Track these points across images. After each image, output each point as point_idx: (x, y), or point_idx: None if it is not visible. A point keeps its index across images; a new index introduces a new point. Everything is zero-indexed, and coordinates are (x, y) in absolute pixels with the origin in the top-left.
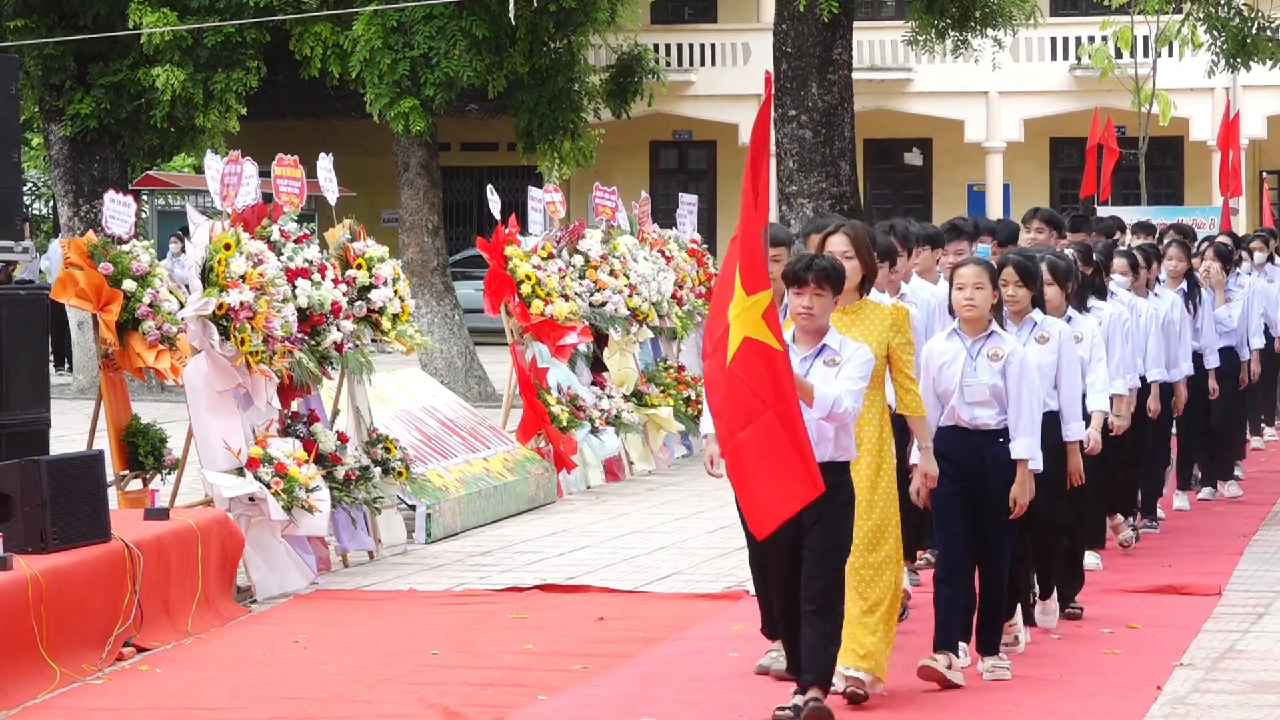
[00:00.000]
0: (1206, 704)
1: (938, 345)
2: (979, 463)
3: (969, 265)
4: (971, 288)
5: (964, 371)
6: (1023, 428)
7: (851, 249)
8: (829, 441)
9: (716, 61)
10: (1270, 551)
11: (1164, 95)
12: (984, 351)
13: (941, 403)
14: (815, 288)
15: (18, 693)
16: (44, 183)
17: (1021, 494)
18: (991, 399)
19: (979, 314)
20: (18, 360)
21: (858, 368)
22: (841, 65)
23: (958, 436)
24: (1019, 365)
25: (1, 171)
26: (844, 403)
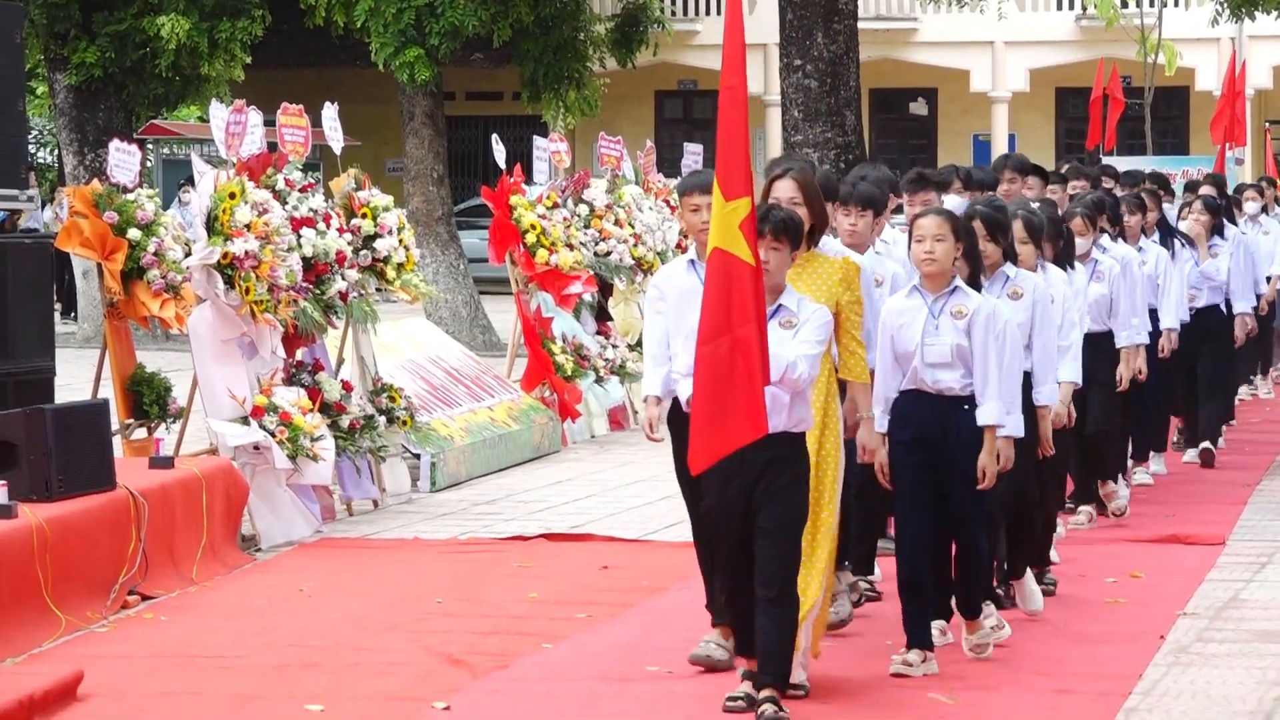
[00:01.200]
0: (1210, 653)
1: (897, 303)
2: (941, 430)
3: (929, 216)
4: (931, 240)
5: (925, 331)
6: (990, 391)
7: (800, 195)
8: (783, 410)
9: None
10: (1273, 502)
11: (1169, 45)
12: (947, 309)
13: (902, 365)
14: (772, 240)
15: (23, 640)
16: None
17: (990, 462)
18: (955, 360)
19: (940, 268)
20: (23, 309)
21: (816, 330)
22: (847, 15)
23: (919, 401)
24: (985, 323)
25: (6, 120)
26: (799, 368)
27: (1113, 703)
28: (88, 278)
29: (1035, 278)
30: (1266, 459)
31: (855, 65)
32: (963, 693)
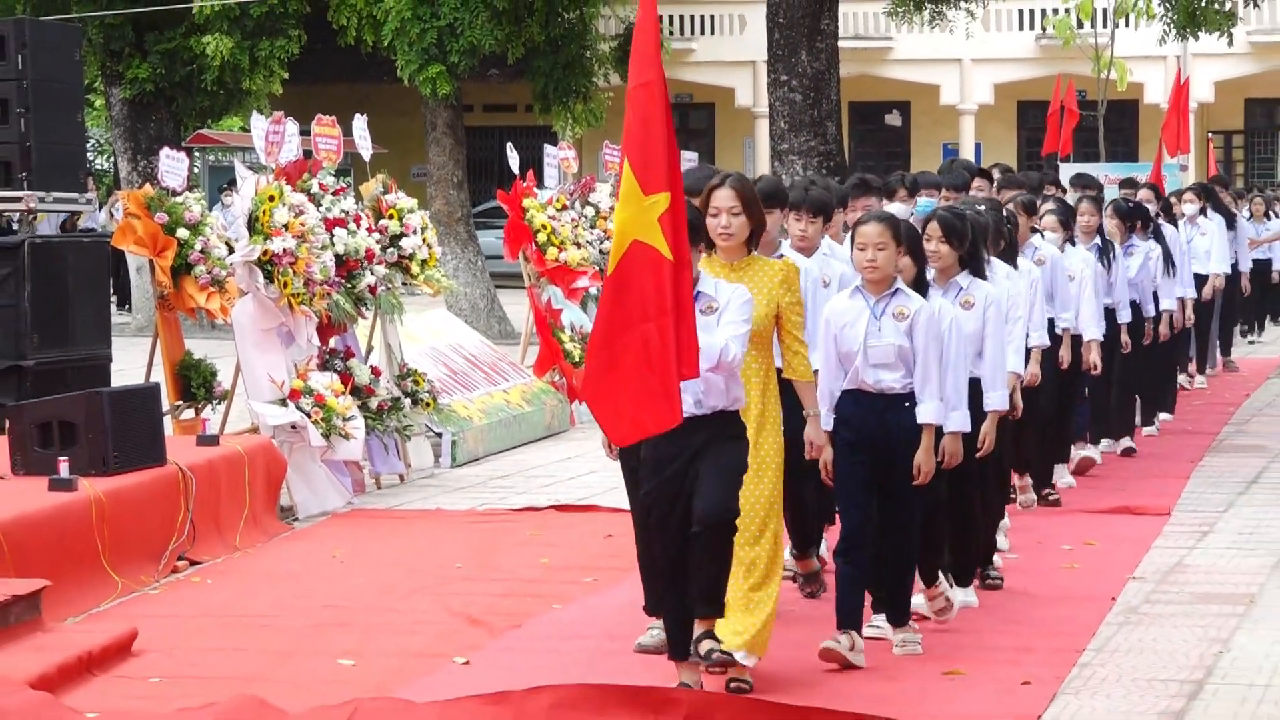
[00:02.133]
0: (1156, 613)
1: (840, 304)
2: (881, 428)
3: (870, 223)
4: (873, 247)
5: (868, 332)
6: (929, 390)
7: (738, 203)
8: (719, 391)
9: (715, 31)
10: (1214, 476)
11: (1121, 62)
12: (889, 310)
13: (844, 365)
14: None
15: (83, 601)
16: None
17: (927, 460)
18: (897, 361)
19: (882, 274)
20: (82, 301)
21: (738, 310)
22: (828, 34)
23: (860, 400)
24: (926, 324)
25: (67, 130)
26: (731, 350)
27: (1069, 658)
28: (141, 273)
29: (987, 286)
30: (1208, 438)
31: (836, 80)
32: (928, 648)
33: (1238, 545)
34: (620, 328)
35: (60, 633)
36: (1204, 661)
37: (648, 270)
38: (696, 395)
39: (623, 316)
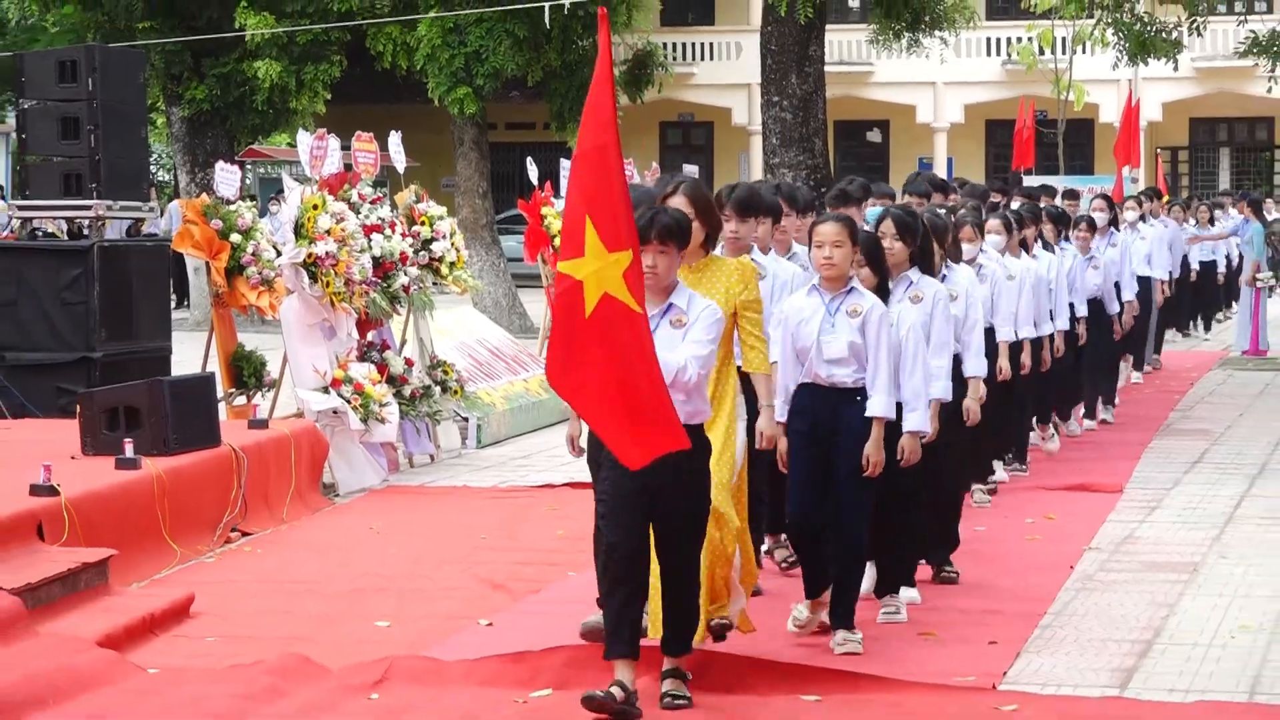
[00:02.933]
0: (1110, 580)
1: (796, 301)
2: (833, 420)
3: (827, 222)
4: (830, 245)
5: (822, 328)
6: (880, 385)
7: (691, 209)
8: (679, 406)
9: (714, 57)
10: (1162, 457)
11: (1079, 85)
12: (843, 308)
13: (800, 360)
14: (659, 244)
15: (146, 568)
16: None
17: (875, 451)
18: (850, 357)
19: (838, 272)
20: (145, 299)
21: (706, 329)
22: (816, 60)
23: (814, 394)
24: (878, 321)
25: (132, 146)
26: (689, 370)
27: (1031, 620)
28: (198, 273)
29: (936, 284)
30: (1157, 422)
31: (823, 101)
32: (914, 607)
33: (1183, 519)
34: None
35: (125, 597)
36: (1152, 624)
37: (623, 323)
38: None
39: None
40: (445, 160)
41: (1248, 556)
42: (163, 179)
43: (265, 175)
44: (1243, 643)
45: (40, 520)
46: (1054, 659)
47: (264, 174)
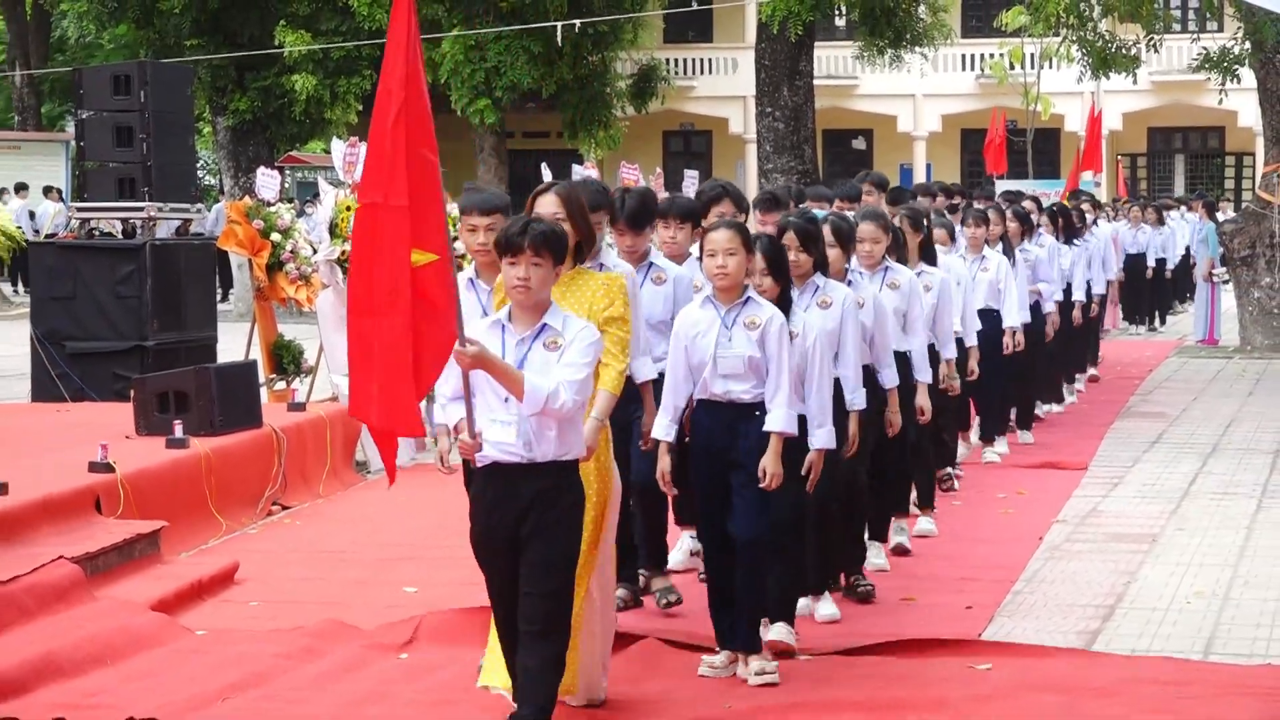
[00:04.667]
0: (1076, 550)
1: (691, 314)
2: (731, 438)
3: (719, 229)
4: (723, 254)
5: (718, 342)
6: (779, 399)
7: (563, 210)
8: (550, 438)
9: (713, 71)
10: (1123, 437)
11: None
12: (740, 320)
13: (695, 375)
14: (532, 255)
15: (194, 539)
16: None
17: (773, 464)
18: (747, 371)
19: (732, 281)
20: (193, 293)
21: (581, 352)
22: (805, 74)
23: (710, 411)
24: (778, 333)
25: (180, 153)
26: (560, 396)
27: (1004, 586)
28: (241, 269)
29: (842, 289)
30: (1118, 405)
31: (812, 112)
32: (890, 578)
33: (1142, 494)
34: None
35: (175, 565)
36: (1115, 590)
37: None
38: (527, 438)
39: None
40: (467, 165)
41: (1202, 528)
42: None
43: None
44: (1198, 607)
45: (98, 495)
46: (1025, 622)
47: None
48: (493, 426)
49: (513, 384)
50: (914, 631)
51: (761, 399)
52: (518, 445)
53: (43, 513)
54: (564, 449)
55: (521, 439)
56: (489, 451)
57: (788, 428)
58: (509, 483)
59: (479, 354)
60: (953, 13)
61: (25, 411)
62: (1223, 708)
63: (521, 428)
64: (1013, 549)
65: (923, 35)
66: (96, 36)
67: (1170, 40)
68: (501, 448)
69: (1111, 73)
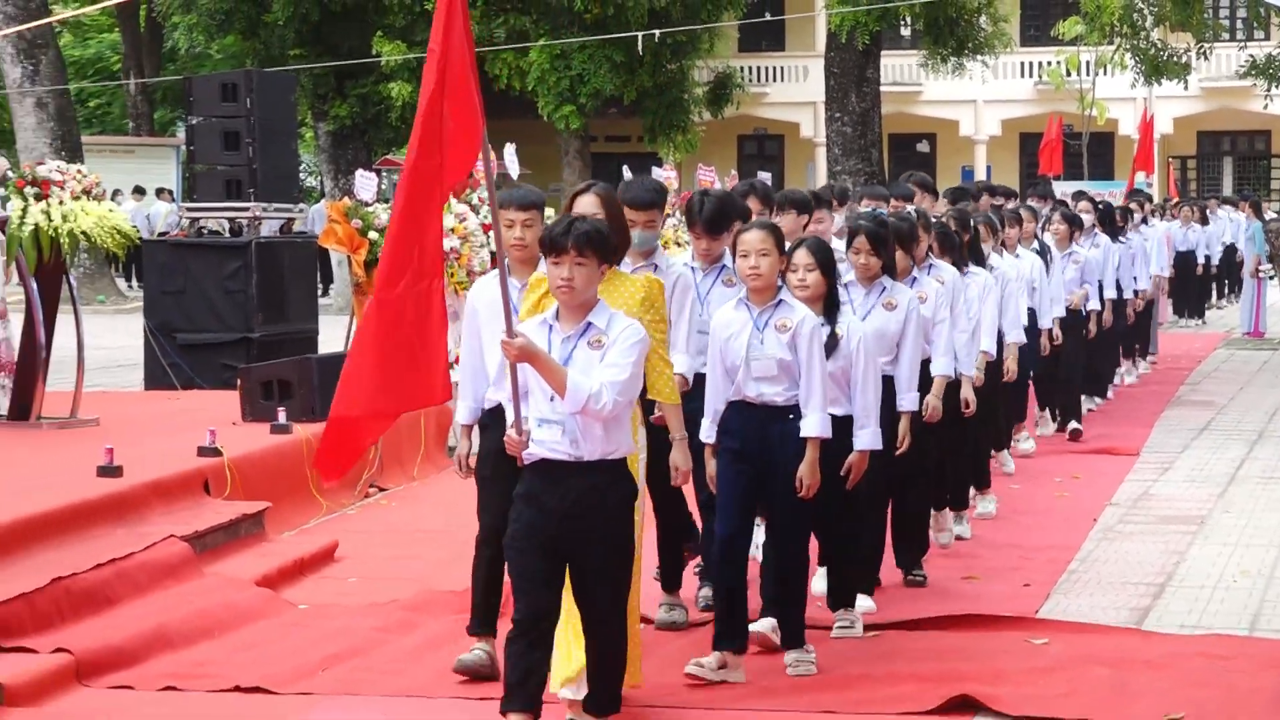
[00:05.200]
0: (1128, 531)
1: (725, 315)
2: (763, 440)
3: (753, 230)
4: (756, 254)
5: (750, 344)
6: (814, 403)
7: (601, 211)
8: (597, 437)
9: (785, 78)
10: (1173, 425)
11: (1100, 102)
12: (772, 322)
13: (730, 377)
14: (576, 255)
15: (296, 519)
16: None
17: (810, 472)
18: (780, 374)
19: (765, 282)
20: (295, 288)
21: (625, 351)
22: (872, 81)
23: (743, 412)
24: (809, 336)
25: (285, 156)
26: (604, 396)
27: (1060, 565)
28: (340, 266)
29: (908, 291)
30: (1168, 395)
31: (878, 117)
32: (952, 557)
33: (1191, 478)
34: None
35: (279, 543)
36: (1165, 569)
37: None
38: (574, 435)
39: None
40: (553, 168)
41: (1248, 511)
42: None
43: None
44: (1243, 585)
45: (207, 477)
46: (1080, 599)
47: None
48: (539, 427)
49: (556, 380)
50: (974, 608)
51: (795, 402)
52: (564, 443)
53: (155, 494)
54: (611, 447)
55: (568, 437)
56: (535, 449)
57: (823, 433)
58: (556, 479)
59: (525, 346)
60: (1012, 22)
61: (139, 399)
62: (1267, 680)
63: (568, 425)
64: (1068, 530)
65: (984, 44)
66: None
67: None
68: (549, 445)
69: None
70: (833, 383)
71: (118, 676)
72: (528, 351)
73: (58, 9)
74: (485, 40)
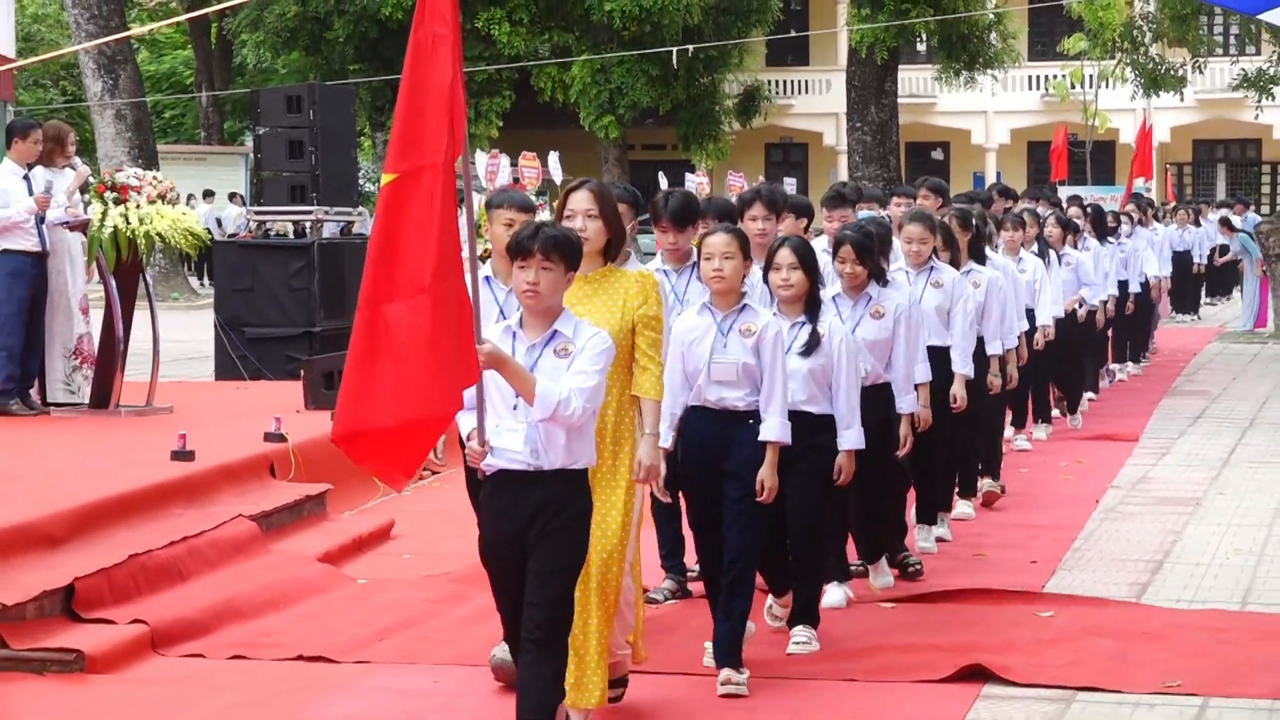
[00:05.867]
0: (1129, 512)
1: (688, 320)
2: (723, 444)
3: (717, 234)
4: (720, 257)
5: (713, 349)
6: (774, 408)
7: (595, 207)
8: (558, 447)
9: (809, 91)
10: (1171, 412)
11: (1102, 113)
12: (736, 327)
13: (690, 382)
14: (542, 259)
15: (354, 500)
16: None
17: (770, 476)
18: (741, 378)
19: (728, 285)
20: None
21: (593, 359)
22: (890, 94)
23: (702, 418)
24: (773, 341)
25: (344, 163)
26: (573, 403)
27: (1065, 543)
28: None
29: (898, 297)
30: (1165, 384)
31: (896, 126)
32: (963, 535)
33: (1187, 463)
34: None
35: (339, 522)
36: (1163, 547)
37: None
38: (534, 444)
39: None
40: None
41: (1240, 493)
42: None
43: None
44: (1236, 563)
45: (272, 461)
46: (1083, 575)
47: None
48: (500, 434)
49: (525, 387)
50: (985, 582)
51: (755, 407)
52: (525, 453)
53: (224, 477)
54: (572, 458)
55: (529, 445)
56: (494, 460)
57: (782, 437)
58: (516, 491)
59: (492, 353)
60: (1021, 38)
61: (209, 389)
62: (1258, 652)
63: (529, 435)
64: (1072, 510)
65: (994, 59)
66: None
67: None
68: (508, 455)
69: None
70: (813, 381)
71: (190, 646)
72: (494, 358)
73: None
74: (531, 55)
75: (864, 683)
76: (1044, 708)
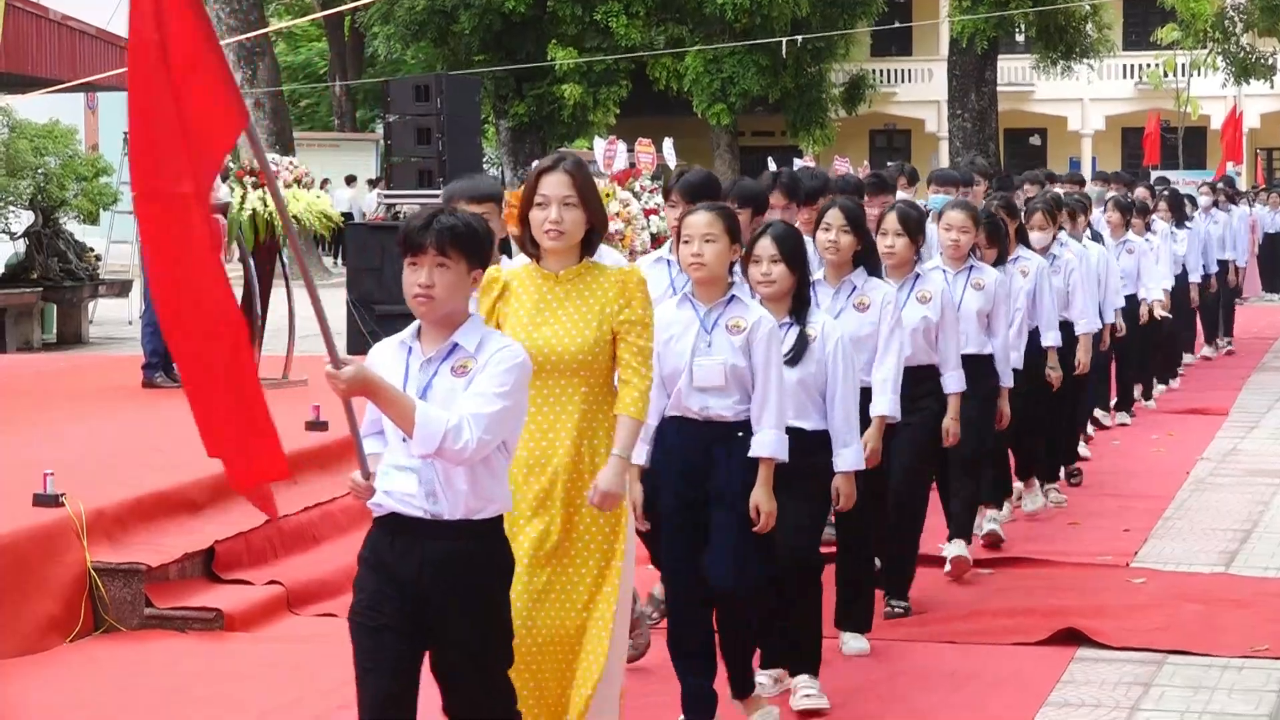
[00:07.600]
0: (1219, 483)
1: (665, 314)
2: (706, 461)
3: (699, 213)
4: (699, 240)
5: (695, 348)
6: (768, 418)
7: (574, 194)
8: (458, 491)
9: (912, 80)
10: (1260, 388)
11: (1194, 100)
12: (722, 322)
13: (667, 387)
14: (437, 256)
15: None
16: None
17: (765, 500)
18: (728, 383)
19: (709, 274)
20: None
21: (498, 378)
22: (990, 82)
23: (684, 431)
24: (766, 339)
25: (469, 150)
26: (465, 433)
27: (1156, 513)
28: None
29: (942, 283)
30: (1255, 361)
31: (995, 114)
32: (1059, 507)
33: (1276, 436)
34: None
35: None
36: (1251, 517)
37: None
38: (431, 488)
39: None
40: (705, 160)
41: None
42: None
43: None
44: None
45: None
46: (1174, 543)
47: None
48: (388, 474)
49: (401, 416)
50: (1079, 550)
51: (745, 417)
52: (419, 496)
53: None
54: (479, 504)
55: (424, 488)
56: (383, 499)
57: (777, 453)
58: (410, 541)
59: (354, 377)
60: (1116, 29)
61: None
62: None
63: (424, 475)
64: (1164, 481)
65: (1090, 48)
66: (402, 54)
67: None
68: (400, 497)
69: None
70: (802, 392)
71: (322, 605)
72: (359, 383)
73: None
74: (646, 46)
75: (963, 644)
76: (1135, 670)
